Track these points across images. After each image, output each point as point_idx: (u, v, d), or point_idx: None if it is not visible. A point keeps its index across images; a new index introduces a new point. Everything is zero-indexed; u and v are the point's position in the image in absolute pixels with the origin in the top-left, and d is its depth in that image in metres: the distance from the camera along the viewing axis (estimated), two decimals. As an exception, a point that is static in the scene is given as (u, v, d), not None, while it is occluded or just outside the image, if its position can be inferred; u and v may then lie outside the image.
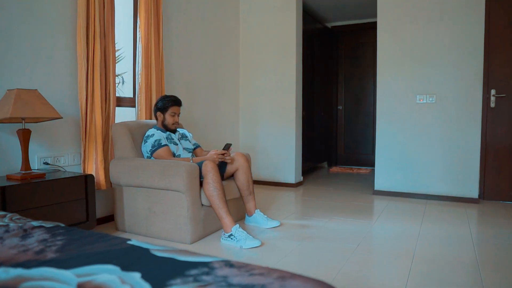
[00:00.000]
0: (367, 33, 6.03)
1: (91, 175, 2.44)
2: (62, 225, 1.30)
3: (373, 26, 5.73)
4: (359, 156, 6.30)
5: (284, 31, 4.56)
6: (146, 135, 2.85)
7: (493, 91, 3.74)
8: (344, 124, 6.41)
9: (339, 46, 6.36)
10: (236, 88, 4.80)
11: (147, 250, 0.99)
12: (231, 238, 2.45)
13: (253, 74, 4.77)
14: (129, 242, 1.07)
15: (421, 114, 3.89)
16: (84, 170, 2.77)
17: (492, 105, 3.75)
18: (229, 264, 0.87)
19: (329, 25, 6.25)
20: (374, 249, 2.47)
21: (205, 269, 0.84)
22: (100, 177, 2.81)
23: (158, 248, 1.00)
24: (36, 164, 2.54)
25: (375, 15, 5.16)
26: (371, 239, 2.63)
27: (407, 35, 3.92)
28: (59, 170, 2.60)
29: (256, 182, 4.75)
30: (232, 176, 2.95)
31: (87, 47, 2.74)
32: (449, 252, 2.37)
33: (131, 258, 0.92)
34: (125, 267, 0.86)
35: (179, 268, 0.85)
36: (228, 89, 4.63)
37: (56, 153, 2.68)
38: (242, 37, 4.82)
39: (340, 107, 6.39)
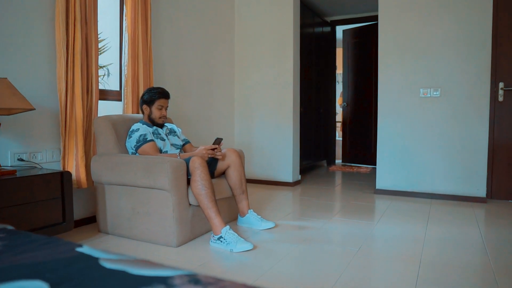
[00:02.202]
0: (368, 26, 5.82)
1: (68, 172, 2.24)
2: (10, 227, 1.10)
3: (374, 19, 5.54)
4: (360, 154, 6.08)
5: (281, 24, 4.35)
6: (131, 129, 2.64)
7: (501, 84, 3.54)
8: (347, 121, 6.17)
9: (341, 40, 6.15)
10: (231, 83, 4.59)
11: (96, 260, 0.79)
12: (221, 241, 2.24)
13: (249, 68, 4.57)
14: (78, 249, 0.86)
15: (425, 108, 3.69)
16: (63, 167, 2.57)
17: (500, 99, 3.55)
18: (194, 279, 0.67)
19: (328, 19, 6.05)
20: (377, 252, 2.26)
21: (161, 287, 0.63)
22: (81, 175, 2.60)
23: (110, 258, 0.80)
24: (9, 161, 2.34)
25: (376, 9, 4.96)
26: (374, 242, 2.43)
27: (410, 25, 3.72)
28: (35, 167, 2.39)
29: (252, 181, 4.54)
30: (223, 173, 2.74)
31: (66, 34, 2.53)
32: (459, 256, 2.16)
33: (71, 271, 0.72)
34: (57, 284, 0.65)
35: (128, 286, 0.64)
36: (222, 84, 4.42)
37: (33, 149, 2.47)
38: (238, 30, 4.61)
39: (344, 103, 6.14)
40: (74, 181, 2.58)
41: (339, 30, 6.51)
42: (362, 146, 5.97)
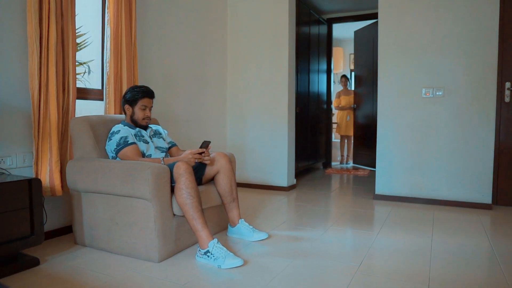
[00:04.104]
0: (366, 24, 5.63)
1: (37, 179, 2.01)
2: None
3: (373, 17, 5.34)
4: (369, 156, 5.85)
5: (276, 20, 4.14)
6: (111, 131, 2.42)
7: (507, 84, 3.35)
8: (358, 122, 5.96)
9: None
10: (223, 81, 4.37)
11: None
12: (208, 256, 2.02)
13: (242, 66, 4.35)
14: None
15: (427, 109, 3.49)
16: (36, 173, 2.33)
17: (507, 99, 3.36)
18: None
19: (325, 17, 5.84)
20: (380, 268, 2.05)
21: None
22: (56, 181, 2.37)
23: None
24: (-28, 166, 2.11)
25: (375, 6, 4.77)
26: (376, 255, 2.22)
27: (411, 22, 3.52)
28: (3, 173, 2.16)
29: (245, 185, 4.32)
30: (212, 179, 2.52)
31: (40, 27, 2.30)
32: (470, 272, 1.96)
33: None
34: None
35: None
36: (214, 82, 4.20)
37: (1, 153, 2.23)
38: (230, 25, 4.39)
39: (355, 105, 5.95)
40: (47, 188, 2.35)
41: (336, 28, 6.31)
42: (370, 148, 5.77)
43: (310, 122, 5.29)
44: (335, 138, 7.11)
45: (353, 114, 6.41)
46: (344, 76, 6.56)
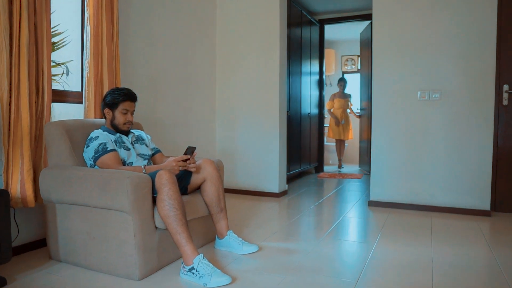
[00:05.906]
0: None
1: (4, 191, 1.82)
2: None
3: (367, 18, 5.22)
4: (366, 162, 5.72)
5: (267, 20, 3.99)
6: (89, 137, 2.24)
7: (505, 87, 3.25)
8: (364, 126, 5.83)
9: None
10: (212, 84, 4.20)
11: None
12: (193, 273, 1.85)
13: (231, 68, 4.19)
14: None
15: (423, 112, 3.37)
16: (6, 183, 2.14)
17: (505, 102, 3.25)
18: None
19: (317, 18, 5.72)
20: (379, 284, 1.90)
21: None
22: (28, 192, 2.18)
23: None
24: None
25: (369, 7, 4.66)
26: (374, 269, 2.07)
27: (406, 22, 3.40)
28: (-33, 183, 1.97)
29: (234, 191, 4.16)
30: (198, 189, 2.36)
31: (10, 24, 2.12)
32: (477, 286, 1.83)
33: None
34: None
35: None
36: (202, 84, 4.03)
37: (-33, 161, 2.05)
38: (219, 25, 4.23)
39: (363, 108, 5.80)
40: (18, 199, 2.16)
41: (328, 29, 6.19)
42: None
43: (302, 125, 5.15)
44: (327, 141, 6.99)
45: (349, 118, 6.32)
46: (342, 79, 6.46)
